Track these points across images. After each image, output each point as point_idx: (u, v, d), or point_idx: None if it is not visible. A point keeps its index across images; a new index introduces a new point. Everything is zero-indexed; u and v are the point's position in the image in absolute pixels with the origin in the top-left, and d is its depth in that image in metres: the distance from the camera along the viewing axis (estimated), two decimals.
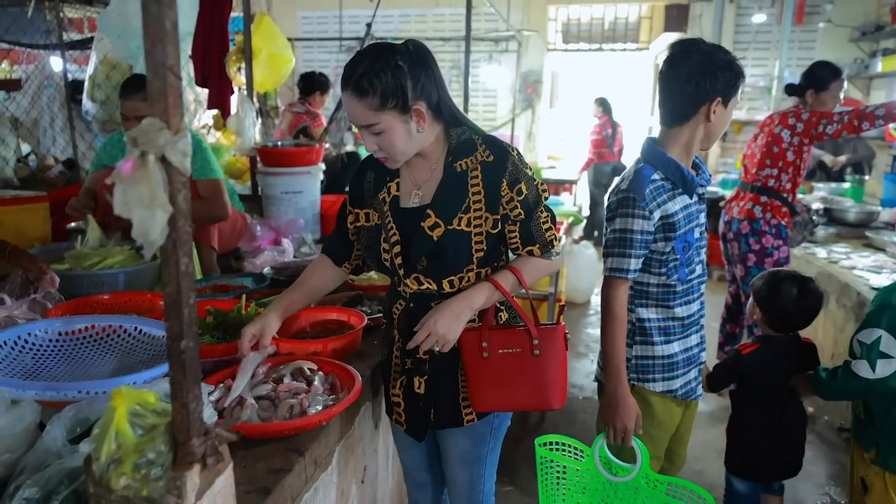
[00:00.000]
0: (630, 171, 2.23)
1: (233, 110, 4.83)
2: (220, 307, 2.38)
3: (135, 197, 0.94)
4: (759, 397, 2.73)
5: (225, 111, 4.93)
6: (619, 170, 8.68)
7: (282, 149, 4.54)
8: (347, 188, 2.12)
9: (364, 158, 2.11)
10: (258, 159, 4.47)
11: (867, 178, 6.91)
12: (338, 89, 1.94)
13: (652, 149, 2.22)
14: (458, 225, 1.88)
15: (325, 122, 6.13)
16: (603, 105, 9.04)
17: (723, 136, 9.21)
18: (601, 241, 8.52)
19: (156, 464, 1.06)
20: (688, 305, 2.28)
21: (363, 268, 2.19)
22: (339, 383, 2.02)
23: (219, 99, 4.92)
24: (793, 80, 4.40)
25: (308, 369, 2.04)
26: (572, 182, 9.25)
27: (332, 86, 6.65)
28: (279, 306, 2.04)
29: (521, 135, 10.35)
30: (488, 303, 1.92)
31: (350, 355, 2.30)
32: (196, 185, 3.22)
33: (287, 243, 3.62)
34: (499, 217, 1.90)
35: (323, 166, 4.45)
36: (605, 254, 2.21)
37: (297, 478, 1.67)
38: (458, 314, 1.87)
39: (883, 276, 4.17)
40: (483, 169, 1.88)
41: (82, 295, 2.52)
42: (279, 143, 5.15)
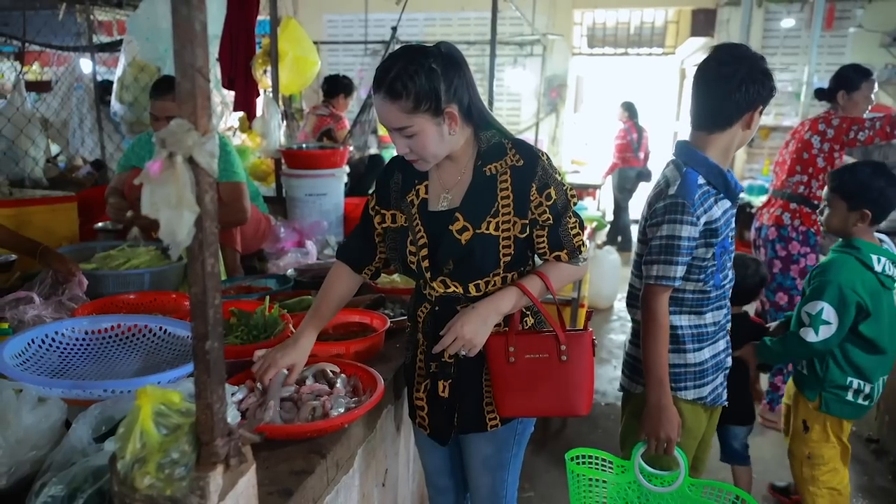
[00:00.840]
0: (673, 175, 2.17)
1: (258, 112, 4.86)
2: (244, 308, 2.39)
3: (162, 197, 0.95)
4: None
5: (251, 113, 4.97)
6: (643, 175, 8.63)
7: (306, 151, 4.56)
8: (371, 190, 2.11)
9: (391, 159, 2.10)
10: (283, 161, 4.50)
11: None
12: (361, 92, 1.95)
13: (692, 153, 2.17)
14: (487, 229, 1.87)
15: (349, 125, 6.14)
16: (629, 109, 8.97)
17: (749, 141, 9.22)
18: (624, 246, 8.58)
19: (180, 464, 1.07)
20: (719, 311, 2.25)
21: (382, 271, 2.16)
22: (362, 386, 2.02)
23: (245, 101, 4.95)
24: (822, 86, 4.34)
25: (331, 371, 2.04)
26: (596, 186, 9.20)
27: (355, 89, 6.66)
28: (310, 334, 1.98)
29: (544, 139, 10.32)
30: (515, 308, 1.91)
31: (372, 358, 2.30)
32: (217, 188, 3.22)
33: (310, 245, 3.64)
34: (527, 222, 1.89)
35: (347, 169, 4.47)
36: (648, 261, 2.14)
37: (319, 480, 1.68)
38: (486, 318, 1.86)
39: None
40: (512, 173, 1.87)
41: (109, 294, 2.55)
42: (304, 145, 5.17)
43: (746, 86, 2.06)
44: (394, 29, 5.84)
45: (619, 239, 8.97)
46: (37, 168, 4.99)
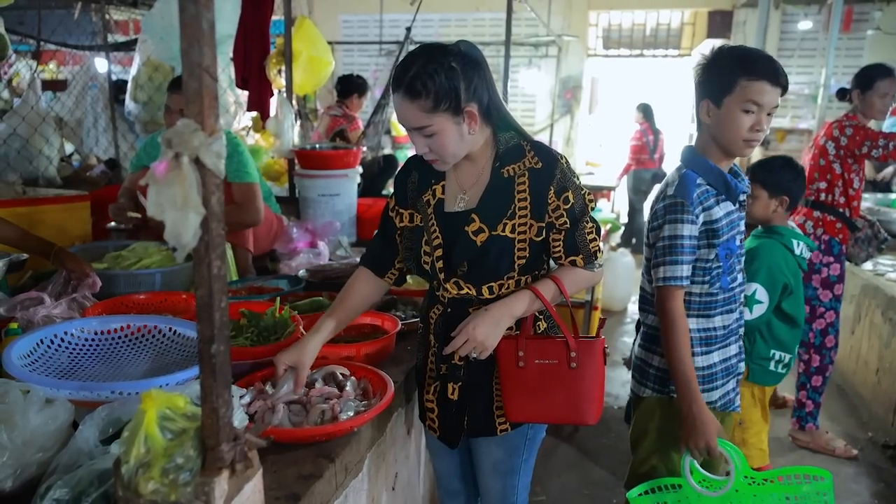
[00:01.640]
0: (673, 176, 2.20)
1: (272, 112, 4.86)
2: (254, 309, 2.38)
3: (168, 198, 0.94)
4: None
5: (264, 113, 4.96)
6: (659, 177, 8.58)
7: (319, 151, 4.55)
8: (387, 191, 2.09)
9: (408, 158, 2.08)
10: (296, 161, 4.49)
11: None
12: (376, 93, 1.93)
13: (693, 156, 2.20)
14: (503, 231, 1.85)
15: (362, 126, 6.13)
16: (645, 111, 8.94)
17: (765, 144, 9.13)
18: (639, 249, 8.52)
19: (184, 469, 1.05)
20: (728, 315, 2.23)
21: (405, 276, 2.12)
22: (372, 389, 2.00)
23: (258, 101, 4.95)
24: (840, 88, 4.26)
25: (340, 374, 2.02)
26: (610, 188, 9.17)
27: (369, 88, 6.66)
28: (320, 336, 1.94)
29: (559, 140, 10.28)
30: (528, 311, 1.89)
31: (384, 360, 2.28)
32: (230, 189, 3.22)
33: (323, 246, 3.63)
34: (544, 225, 1.87)
35: (360, 169, 4.46)
36: (655, 264, 2.14)
37: (328, 484, 1.66)
38: (498, 321, 1.84)
39: None
40: (531, 175, 1.85)
41: (120, 294, 2.55)
42: (317, 145, 5.17)
43: (694, 82, 2.10)
44: (408, 29, 5.83)
45: (634, 241, 8.92)
46: (51, 167, 5.00)
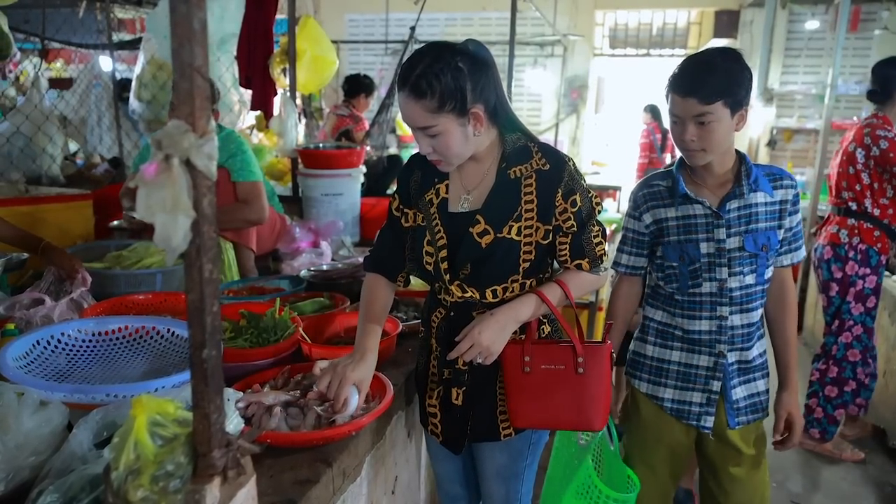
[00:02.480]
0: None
1: (275, 112, 4.85)
2: (254, 310, 2.35)
3: (157, 201, 0.91)
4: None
5: (268, 112, 4.95)
6: None
7: (323, 151, 4.54)
8: (391, 190, 2.07)
9: (411, 157, 2.05)
10: (299, 161, 4.47)
11: None
12: (381, 92, 1.90)
13: (673, 160, 2.27)
14: (508, 233, 1.82)
15: (368, 127, 6.12)
16: (653, 112, 8.97)
17: (771, 144, 9.08)
18: None
19: (175, 476, 1.03)
20: (692, 321, 2.16)
21: (410, 277, 2.10)
22: (371, 392, 1.98)
23: (262, 100, 4.94)
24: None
25: None
26: (616, 188, 9.14)
27: (376, 88, 6.64)
28: (374, 349, 1.88)
29: (564, 140, 10.25)
30: (534, 316, 1.87)
31: (384, 362, 2.26)
32: (235, 187, 3.21)
33: (325, 246, 3.61)
34: (550, 228, 1.85)
35: (364, 169, 4.44)
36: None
37: (325, 489, 1.64)
38: (504, 325, 1.82)
39: None
40: (538, 177, 1.83)
41: (120, 294, 2.53)
42: (320, 144, 5.15)
43: None
44: (412, 29, 5.82)
45: None
46: (54, 165, 5.00)
